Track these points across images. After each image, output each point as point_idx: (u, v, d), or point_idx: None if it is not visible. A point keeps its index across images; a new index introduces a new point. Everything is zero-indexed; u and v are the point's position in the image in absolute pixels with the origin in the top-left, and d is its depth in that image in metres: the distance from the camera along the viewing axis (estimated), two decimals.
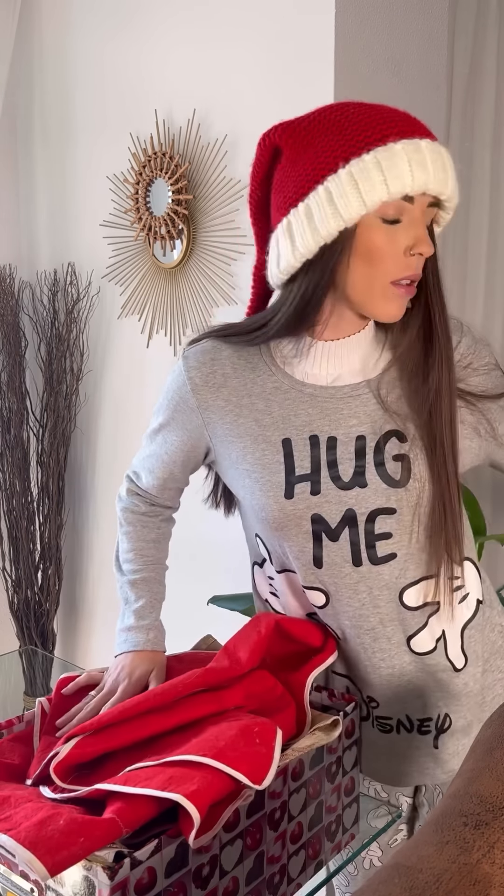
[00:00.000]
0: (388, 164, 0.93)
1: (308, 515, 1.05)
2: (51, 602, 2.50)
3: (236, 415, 1.09)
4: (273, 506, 1.06)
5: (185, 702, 1.00)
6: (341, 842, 1.09)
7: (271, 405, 1.08)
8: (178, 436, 1.16)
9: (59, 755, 0.94)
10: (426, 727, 1.14)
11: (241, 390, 1.10)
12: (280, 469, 1.06)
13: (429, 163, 0.94)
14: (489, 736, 0.71)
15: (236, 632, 1.13)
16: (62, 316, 2.44)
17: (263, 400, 1.08)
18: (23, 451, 2.47)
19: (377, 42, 1.86)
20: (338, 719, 1.06)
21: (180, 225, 2.07)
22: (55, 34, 2.40)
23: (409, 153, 0.94)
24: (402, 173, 0.93)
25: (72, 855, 0.76)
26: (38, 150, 2.53)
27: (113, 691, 1.10)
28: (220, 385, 1.10)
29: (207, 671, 1.03)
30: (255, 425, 1.08)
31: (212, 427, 1.12)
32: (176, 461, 1.19)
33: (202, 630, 1.30)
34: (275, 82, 1.87)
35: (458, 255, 2.23)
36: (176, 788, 0.82)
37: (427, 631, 1.10)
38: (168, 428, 1.17)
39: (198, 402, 1.11)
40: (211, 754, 0.87)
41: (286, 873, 0.98)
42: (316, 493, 1.05)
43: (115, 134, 2.26)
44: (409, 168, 0.94)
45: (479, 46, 2.14)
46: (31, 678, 2.07)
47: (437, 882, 0.56)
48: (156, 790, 0.83)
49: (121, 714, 0.98)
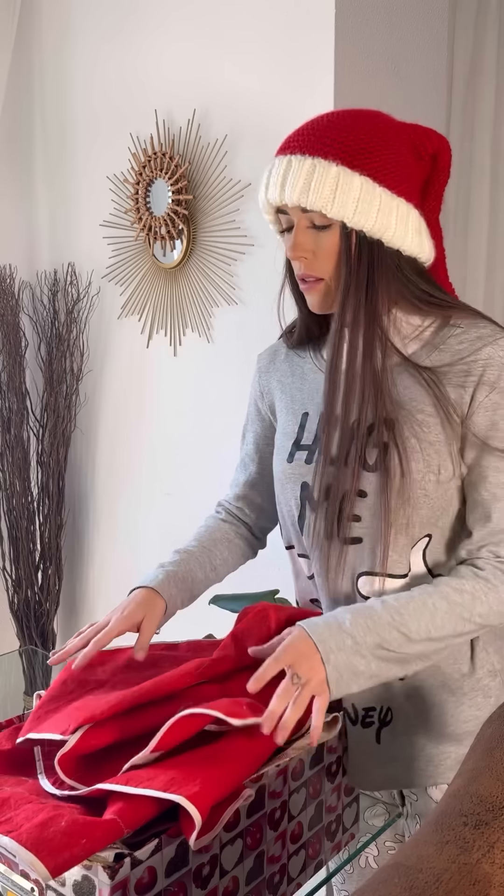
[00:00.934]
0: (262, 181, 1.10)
1: (299, 482, 1.15)
2: (51, 602, 2.50)
3: (282, 392, 1.25)
4: (278, 467, 1.20)
5: (190, 691, 1.00)
6: (341, 842, 1.09)
7: (305, 382, 1.21)
8: (253, 430, 1.32)
9: (66, 745, 0.93)
10: (370, 717, 1.14)
11: (287, 371, 1.25)
12: (293, 437, 1.19)
13: (274, 178, 1.07)
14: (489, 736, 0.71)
15: (242, 619, 1.12)
16: (62, 316, 2.44)
17: (301, 379, 1.22)
18: (23, 451, 2.47)
19: (377, 42, 1.86)
20: (337, 716, 1.06)
21: (180, 225, 2.07)
22: (55, 34, 2.40)
23: (270, 170, 1.08)
24: (261, 189, 1.10)
25: (74, 856, 0.76)
26: (38, 151, 2.53)
27: (105, 624, 1.12)
28: (276, 369, 1.27)
29: (214, 661, 1.03)
30: (290, 400, 1.22)
31: (272, 408, 1.27)
32: (252, 457, 1.32)
33: (202, 630, 1.30)
34: (275, 82, 1.87)
35: (459, 254, 2.23)
36: (178, 790, 0.82)
37: None
38: (248, 428, 1.34)
39: (261, 387, 1.29)
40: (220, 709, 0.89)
41: (286, 873, 0.98)
42: (309, 462, 1.15)
43: (115, 134, 2.26)
44: (265, 184, 1.09)
45: (479, 46, 2.14)
46: (31, 678, 2.07)
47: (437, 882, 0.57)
48: (157, 791, 0.83)
49: (130, 701, 0.97)
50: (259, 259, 1.94)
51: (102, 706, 0.98)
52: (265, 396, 1.28)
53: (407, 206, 1.07)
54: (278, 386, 1.26)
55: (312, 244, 1.08)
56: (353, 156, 1.03)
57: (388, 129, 1.08)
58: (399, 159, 1.07)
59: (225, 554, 1.29)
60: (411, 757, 1.14)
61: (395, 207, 1.06)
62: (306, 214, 1.06)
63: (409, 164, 1.09)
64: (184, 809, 0.81)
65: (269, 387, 1.27)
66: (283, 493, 1.19)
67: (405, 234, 1.07)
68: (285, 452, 1.18)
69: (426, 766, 1.14)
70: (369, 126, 1.06)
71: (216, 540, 1.29)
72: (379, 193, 1.04)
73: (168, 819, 0.84)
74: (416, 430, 1.06)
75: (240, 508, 1.35)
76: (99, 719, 0.96)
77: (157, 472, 2.32)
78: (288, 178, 1.05)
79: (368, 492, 1.08)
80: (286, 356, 1.27)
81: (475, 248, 2.22)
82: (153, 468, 2.33)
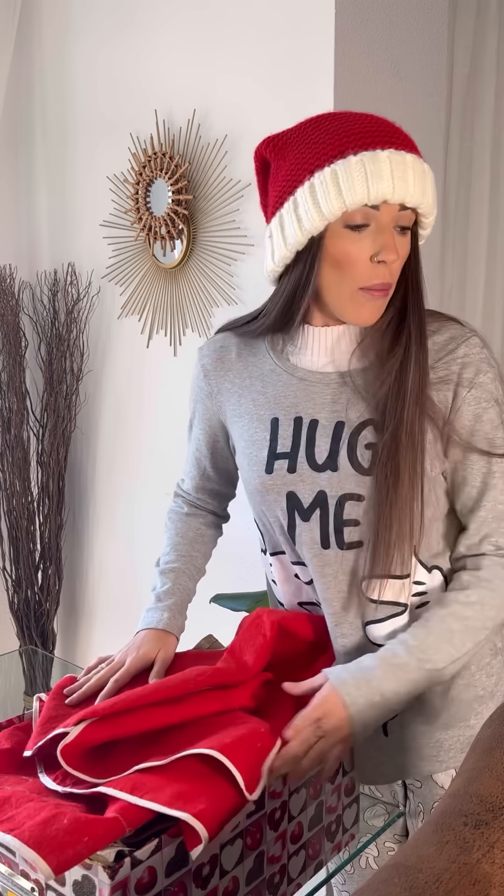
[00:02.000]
0: (344, 176, 0.98)
1: (284, 492, 1.11)
2: (51, 602, 2.50)
3: (239, 395, 1.18)
4: (256, 479, 1.14)
5: (193, 697, 1.00)
6: (341, 842, 1.09)
7: (267, 386, 1.15)
8: (201, 427, 1.26)
9: (67, 737, 0.94)
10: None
11: (243, 373, 1.18)
12: (265, 445, 1.13)
13: (386, 172, 0.98)
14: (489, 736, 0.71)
15: (239, 630, 1.13)
16: (62, 316, 2.44)
17: (261, 381, 1.16)
18: (23, 451, 2.47)
19: (377, 42, 1.86)
20: None
21: (180, 225, 2.07)
22: (55, 34, 2.40)
23: (366, 164, 0.98)
24: (356, 185, 0.98)
25: (76, 854, 0.76)
26: (38, 151, 2.53)
27: (121, 664, 1.13)
28: (227, 369, 1.19)
29: (217, 671, 1.04)
30: (252, 405, 1.16)
31: (223, 409, 1.21)
32: (205, 454, 1.28)
33: (204, 629, 1.30)
34: (275, 82, 1.87)
35: (459, 254, 2.23)
36: (184, 806, 0.82)
37: (388, 625, 1.10)
38: (194, 423, 1.28)
39: (209, 386, 1.22)
40: (217, 747, 0.88)
41: (286, 873, 0.98)
42: (292, 470, 1.11)
43: (115, 134, 2.26)
44: (365, 179, 0.98)
45: (479, 46, 2.15)
46: (31, 678, 2.07)
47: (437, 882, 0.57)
48: (163, 806, 0.83)
49: (132, 702, 0.98)
50: (259, 259, 1.93)
51: (105, 703, 0.99)
52: (214, 397, 1.21)
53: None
54: (232, 388, 1.19)
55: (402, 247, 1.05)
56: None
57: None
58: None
59: (202, 550, 1.32)
60: (421, 745, 1.15)
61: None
62: (400, 214, 1.02)
63: None
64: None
65: (220, 387, 1.20)
66: (264, 504, 1.15)
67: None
68: (261, 464, 1.13)
69: (437, 752, 1.15)
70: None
71: (191, 540, 1.31)
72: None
73: (168, 818, 0.84)
74: (406, 430, 1.06)
75: (200, 498, 1.35)
76: (101, 714, 0.97)
77: (157, 472, 2.32)
78: (409, 176, 1.00)
79: (364, 495, 1.07)
80: (238, 355, 1.19)
81: (475, 248, 2.22)
82: (153, 468, 2.33)
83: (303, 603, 1.20)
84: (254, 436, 1.15)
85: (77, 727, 0.95)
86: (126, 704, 0.98)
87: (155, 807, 0.83)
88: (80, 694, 1.07)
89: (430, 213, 1.05)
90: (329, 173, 0.99)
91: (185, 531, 1.32)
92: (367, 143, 1.00)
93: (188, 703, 0.99)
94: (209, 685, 1.02)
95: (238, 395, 1.18)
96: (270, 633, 1.10)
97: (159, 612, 1.20)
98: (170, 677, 1.05)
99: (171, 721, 0.97)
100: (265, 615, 1.13)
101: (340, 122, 1.02)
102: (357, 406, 1.08)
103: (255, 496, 1.16)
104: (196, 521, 1.33)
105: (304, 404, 1.11)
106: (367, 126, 1.02)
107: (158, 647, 1.14)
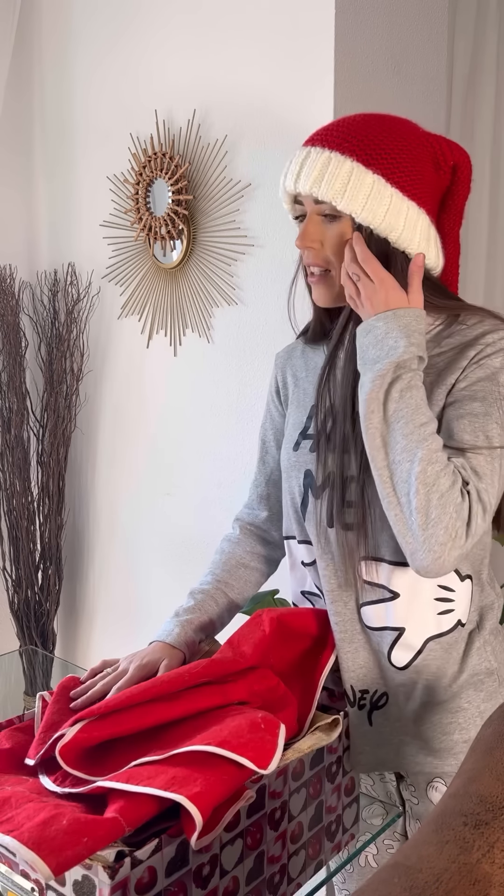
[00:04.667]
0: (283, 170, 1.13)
1: (303, 469, 1.19)
2: (51, 602, 2.50)
3: (296, 386, 1.28)
4: (285, 455, 1.23)
5: (190, 693, 1.00)
6: (341, 842, 1.09)
7: (316, 377, 1.22)
8: (270, 426, 1.34)
9: (65, 737, 0.94)
10: (363, 700, 1.16)
11: (302, 367, 1.28)
12: (300, 427, 1.22)
13: (290, 168, 1.11)
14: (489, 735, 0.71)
15: (239, 627, 1.14)
16: (62, 316, 2.44)
17: (313, 373, 1.24)
18: (23, 451, 2.47)
19: (377, 42, 1.86)
20: (338, 719, 1.07)
21: (180, 225, 2.07)
22: (55, 35, 2.40)
23: (291, 159, 1.11)
24: (281, 177, 1.13)
25: (76, 854, 0.76)
26: (38, 151, 2.53)
27: (125, 672, 1.13)
28: (292, 365, 1.31)
29: (212, 662, 1.04)
30: (302, 394, 1.26)
31: (286, 402, 1.30)
32: (273, 455, 1.33)
33: None
34: (275, 83, 1.87)
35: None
36: (178, 789, 0.82)
37: (379, 608, 1.12)
38: (266, 424, 1.35)
39: (278, 383, 1.33)
40: (215, 742, 0.88)
41: (286, 873, 0.98)
42: (313, 450, 1.17)
43: (116, 134, 2.26)
44: (285, 172, 1.12)
45: (479, 46, 2.15)
46: (31, 678, 2.07)
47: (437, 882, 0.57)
48: (158, 790, 0.83)
49: (127, 700, 0.98)
50: (259, 259, 1.94)
51: (101, 703, 0.99)
52: (281, 391, 1.32)
53: (418, 211, 1.09)
54: (293, 381, 1.29)
55: (321, 235, 1.11)
56: (369, 154, 1.07)
57: (409, 135, 1.10)
58: (416, 166, 1.09)
59: (242, 580, 1.32)
60: (400, 742, 1.16)
61: (406, 210, 1.08)
62: (318, 205, 1.10)
63: (427, 173, 1.11)
64: (185, 809, 0.81)
65: (286, 381, 1.31)
66: (287, 482, 1.22)
67: (412, 236, 1.09)
68: (292, 442, 1.22)
69: (415, 753, 1.15)
70: (391, 129, 1.09)
71: (231, 568, 1.32)
72: (390, 194, 1.07)
73: (169, 818, 0.84)
74: None
75: (258, 513, 1.35)
76: (96, 714, 0.97)
77: (157, 472, 2.32)
78: (304, 168, 1.09)
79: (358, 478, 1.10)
80: (302, 352, 1.30)
81: (475, 248, 2.22)
82: (153, 468, 2.33)
83: (305, 592, 1.23)
84: (295, 419, 1.24)
85: (73, 727, 0.95)
86: (122, 703, 0.98)
87: (150, 790, 0.83)
88: (82, 701, 1.08)
89: (337, 201, 1.07)
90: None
91: (228, 557, 1.33)
92: (305, 141, 1.13)
93: (185, 698, 1.00)
94: (205, 677, 1.02)
95: (295, 386, 1.28)
96: (269, 628, 1.11)
97: (171, 625, 1.21)
98: (165, 674, 1.05)
99: (168, 717, 0.98)
100: (265, 613, 1.14)
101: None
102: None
103: (283, 475, 1.23)
104: (242, 550, 1.34)
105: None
106: (321, 127, 1.13)
107: (162, 659, 1.14)
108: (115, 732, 0.96)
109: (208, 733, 0.92)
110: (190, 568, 2.15)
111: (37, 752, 0.96)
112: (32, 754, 0.97)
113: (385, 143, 1.07)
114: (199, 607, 1.24)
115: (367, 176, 1.06)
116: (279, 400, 1.32)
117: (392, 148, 1.07)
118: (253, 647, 1.08)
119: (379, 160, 1.07)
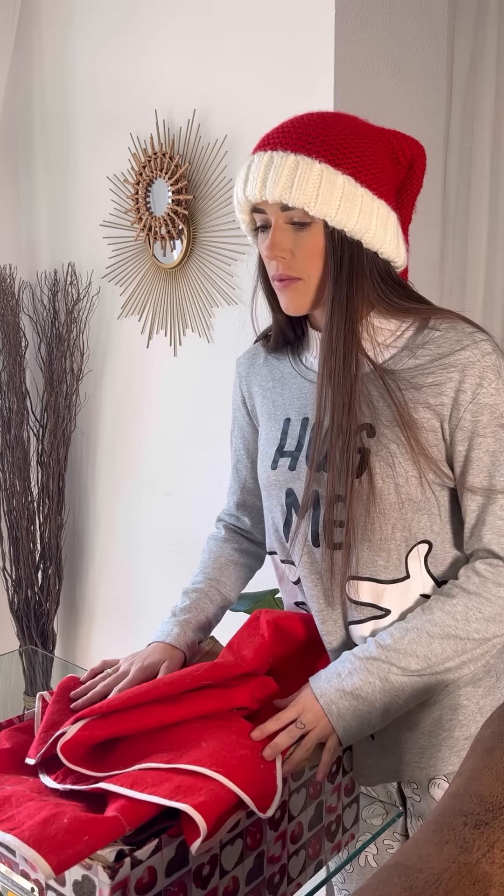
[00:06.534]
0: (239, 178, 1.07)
1: (284, 488, 1.15)
2: (51, 602, 2.50)
3: (263, 397, 1.24)
4: (263, 473, 1.19)
5: (192, 695, 1.00)
6: (341, 842, 1.09)
7: (284, 388, 1.20)
8: (239, 436, 1.31)
9: (66, 735, 0.94)
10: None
11: (268, 376, 1.24)
12: (275, 443, 1.18)
13: (250, 175, 1.05)
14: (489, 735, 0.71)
15: (238, 630, 1.14)
16: (62, 316, 2.44)
17: (281, 384, 1.21)
18: (23, 451, 2.47)
19: (377, 42, 1.86)
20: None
21: (180, 225, 2.07)
22: (55, 34, 2.40)
23: (249, 166, 1.06)
24: (236, 192, 1.08)
25: (76, 853, 0.76)
26: (38, 151, 2.53)
27: (126, 673, 1.13)
28: (256, 374, 1.26)
29: (214, 665, 1.04)
30: (272, 406, 1.21)
31: (254, 413, 1.26)
32: (244, 464, 1.31)
33: None
34: (275, 82, 1.87)
35: (458, 253, 2.23)
36: (184, 798, 0.82)
37: (369, 626, 1.11)
38: (234, 434, 1.32)
39: (242, 393, 1.28)
40: (223, 771, 0.88)
41: (286, 873, 0.98)
42: (292, 468, 1.14)
43: (115, 134, 2.26)
44: (244, 179, 1.06)
45: (479, 46, 2.14)
46: (31, 678, 2.07)
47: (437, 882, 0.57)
48: (164, 799, 0.83)
49: (130, 700, 0.98)
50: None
51: (103, 702, 0.99)
52: (247, 401, 1.28)
53: (387, 209, 1.07)
54: (259, 391, 1.25)
55: (291, 243, 1.06)
56: (336, 154, 1.02)
57: (368, 131, 1.08)
58: (377, 162, 1.06)
59: (233, 577, 1.32)
60: (403, 749, 1.15)
61: (376, 209, 1.05)
62: (286, 213, 1.04)
63: (387, 168, 1.08)
64: (186, 814, 0.81)
65: (251, 391, 1.27)
66: (268, 500, 1.19)
67: (384, 236, 1.06)
68: (269, 459, 1.18)
69: (419, 758, 1.14)
70: (350, 127, 1.06)
71: (221, 566, 1.32)
72: (361, 194, 1.03)
73: (168, 817, 0.84)
74: (398, 435, 1.06)
75: (238, 518, 1.36)
76: (98, 713, 0.97)
77: (157, 472, 2.32)
78: (270, 175, 1.03)
79: (347, 498, 1.07)
80: (265, 360, 1.25)
81: (475, 248, 2.22)
82: (153, 468, 2.33)
83: (299, 603, 1.21)
84: (269, 434, 1.20)
85: (75, 725, 0.95)
86: (124, 703, 0.98)
87: (155, 799, 0.83)
88: (82, 702, 1.07)
89: (309, 207, 1.01)
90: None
91: (217, 556, 1.33)
92: (259, 146, 1.07)
93: (188, 700, 1.00)
94: (207, 679, 1.02)
95: (262, 397, 1.23)
96: (268, 633, 1.11)
97: (170, 626, 1.20)
98: (166, 676, 1.05)
99: (170, 719, 0.98)
100: (262, 615, 1.14)
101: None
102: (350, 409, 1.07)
103: (262, 492, 1.20)
104: (231, 548, 1.34)
105: (312, 406, 1.14)
106: (274, 129, 1.07)
107: (164, 660, 1.14)
108: (116, 731, 0.96)
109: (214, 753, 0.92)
110: (189, 568, 2.14)
111: (37, 752, 0.96)
112: (33, 754, 0.97)
113: (349, 142, 1.04)
114: (196, 606, 1.24)
115: (337, 177, 1.02)
116: (246, 410, 1.29)
117: (356, 146, 1.04)
118: (254, 652, 1.09)
119: (346, 160, 1.03)
